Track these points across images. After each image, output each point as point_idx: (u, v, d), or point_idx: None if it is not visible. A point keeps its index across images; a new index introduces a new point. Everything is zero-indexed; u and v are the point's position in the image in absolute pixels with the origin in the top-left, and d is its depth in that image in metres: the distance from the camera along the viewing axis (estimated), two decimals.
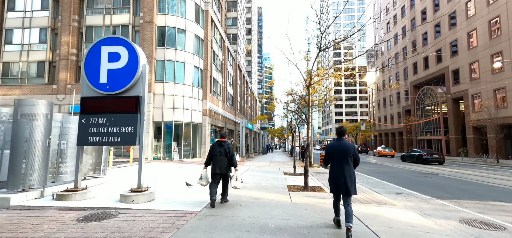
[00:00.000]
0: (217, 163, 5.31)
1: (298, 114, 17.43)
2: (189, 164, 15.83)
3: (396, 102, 46.76)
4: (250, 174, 11.23)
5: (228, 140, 5.73)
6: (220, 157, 5.32)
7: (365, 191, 7.80)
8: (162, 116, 17.47)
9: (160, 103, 17.52)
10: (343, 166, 3.83)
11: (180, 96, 18.11)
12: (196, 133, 19.38)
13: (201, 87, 20.17)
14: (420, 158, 20.40)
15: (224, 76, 27.01)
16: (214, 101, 22.63)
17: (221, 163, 5.31)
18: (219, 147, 5.39)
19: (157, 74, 17.67)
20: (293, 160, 12.48)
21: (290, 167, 15.46)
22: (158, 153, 17.53)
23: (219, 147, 5.40)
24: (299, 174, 11.89)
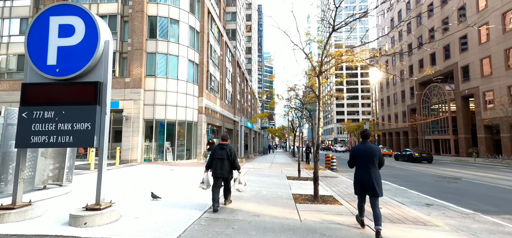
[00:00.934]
0: (218, 167, 5.15)
1: (301, 111, 15.98)
2: (183, 165, 14.41)
3: (401, 100, 45.30)
4: (249, 178, 9.79)
5: (229, 143, 5.52)
6: (221, 161, 5.18)
7: (389, 202, 6.37)
8: (154, 114, 16.05)
9: (151, 100, 16.10)
10: (369, 168, 3.91)
11: (173, 92, 16.69)
12: (192, 132, 17.96)
13: (197, 83, 18.74)
14: (410, 157, 22.19)
15: (222, 73, 25.58)
16: (211, 98, 21.20)
17: (223, 167, 5.16)
18: (220, 150, 5.24)
19: (148, 68, 16.25)
20: (298, 163, 11.05)
21: (293, 169, 14.04)
22: (149, 154, 16.11)
23: (220, 150, 5.25)
24: (304, 178, 10.47)
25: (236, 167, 5.34)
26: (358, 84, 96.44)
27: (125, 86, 15.69)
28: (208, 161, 5.37)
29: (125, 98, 15.61)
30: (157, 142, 16.53)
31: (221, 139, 5.48)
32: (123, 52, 16.42)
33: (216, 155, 5.23)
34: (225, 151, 5.23)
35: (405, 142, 45.32)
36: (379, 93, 55.26)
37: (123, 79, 15.80)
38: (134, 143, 15.31)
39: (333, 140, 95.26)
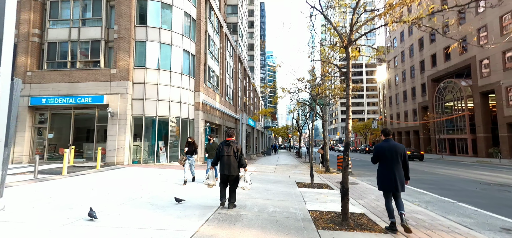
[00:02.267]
0: (225, 164, 5.00)
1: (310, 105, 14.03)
2: (176, 168, 12.57)
3: (411, 98, 43.05)
4: (252, 186, 7.90)
5: (235, 139, 5.36)
6: (228, 158, 5.01)
7: (445, 224, 4.43)
8: (143, 110, 14.23)
9: (141, 94, 14.28)
10: (393, 165, 4.05)
11: (166, 86, 14.86)
12: (187, 130, 16.11)
13: (193, 76, 16.89)
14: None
15: (222, 67, 23.72)
16: (210, 94, 19.35)
17: (230, 164, 5.00)
18: (226, 147, 5.08)
19: (137, 58, 14.43)
20: (310, 167, 9.11)
21: (302, 173, 12.10)
22: (138, 155, 14.29)
23: (226, 146, 5.09)
24: (318, 185, 8.53)
25: (242, 164, 5.12)
26: (363, 82, 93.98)
27: (111, 78, 13.89)
28: (214, 157, 5.25)
29: (110, 92, 13.82)
30: (149, 142, 14.71)
31: (227, 135, 5.28)
32: (109, 41, 14.63)
33: (222, 152, 5.04)
34: (231, 148, 5.02)
35: (415, 142, 43.05)
36: (387, 90, 52.99)
37: (109, 70, 14.01)
38: (121, 143, 13.50)
39: (338, 139, 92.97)
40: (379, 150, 4.22)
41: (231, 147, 5.04)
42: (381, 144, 4.29)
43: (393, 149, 4.09)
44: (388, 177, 4.04)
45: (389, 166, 4.06)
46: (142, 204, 5.42)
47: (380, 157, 4.20)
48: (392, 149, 4.10)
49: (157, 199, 5.92)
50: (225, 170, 4.95)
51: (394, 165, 4.04)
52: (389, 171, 4.04)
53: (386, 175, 4.08)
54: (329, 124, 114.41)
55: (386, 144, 4.20)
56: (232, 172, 4.97)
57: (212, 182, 5.26)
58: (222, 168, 5.01)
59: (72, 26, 14.45)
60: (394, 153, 4.06)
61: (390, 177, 4.02)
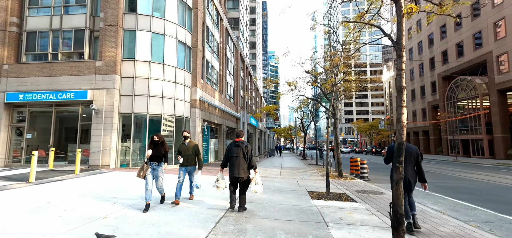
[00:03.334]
0: (235, 166, 4.83)
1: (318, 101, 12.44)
2: (169, 172, 11.02)
3: (420, 97, 41.24)
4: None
5: (245, 140, 5.16)
6: (237, 159, 4.83)
7: None
8: (133, 107, 12.70)
9: (129, 89, 12.76)
10: (406, 166, 4.11)
11: (158, 80, 13.34)
12: (183, 129, 14.55)
13: (189, 70, 15.36)
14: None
15: (223, 63, 22.19)
16: (208, 90, 17.80)
17: (240, 166, 4.82)
18: (235, 148, 4.91)
19: (126, 49, 12.93)
20: (326, 173, 7.47)
21: (312, 178, 10.47)
22: (127, 158, 12.75)
23: (235, 147, 4.92)
24: (335, 196, 6.90)
25: (252, 165, 4.91)
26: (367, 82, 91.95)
27: (96, 71, 12.39)
28: (223, 159, 5.06)
29: (95, 87, 12.31)
30: (140, 143, 13.17)
31: (236, 135, 5.12)
32: (95, 30, 13.14)
33: (231, 153, 4.91)
34: (240, 148, 4.87)
35: (425, 143, 41.22)
36: (393, 89, 51.13)
37: (94, 63, 12.51)
38: (107, 144, 11.98)
39: (342, 140, 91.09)
40: (392, 151, 4.21)
41: (241, 148, 4.87)
42: (394, 144, 4.16)
43: (406, 150, 4.15)
44: (405, 178, 4.09)
45: (403, 167, 4.06)
46: (102, 229, 3.85)
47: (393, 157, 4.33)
48: (405, 149, 4.09)
49: (126, 221, 4.35)
50: (235, 171, 4.81)
51: (407, 165, 4.14)
52: (403, 171, 4.11)
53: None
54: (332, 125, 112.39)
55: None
56: (242, 174, 4.80)
57: (222, 184, 5.09)
58: (231, 170, 4.88)
59: (54, 14, 12.99)
60: (408, 154, 4.16)
61: (405, 178, 4.07)
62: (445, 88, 35.30)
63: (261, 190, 5.08)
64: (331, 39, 12.66)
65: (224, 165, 5.08)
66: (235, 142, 5.00)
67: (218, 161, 19.96)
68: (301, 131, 50.75)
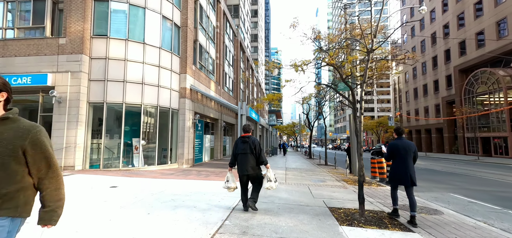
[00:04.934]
0: (242, 163, 4.58)
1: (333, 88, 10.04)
2: (151, 175, 8.73)
3: (433, 92, 38.51)
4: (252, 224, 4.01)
5: (253, 135, 4.90)
6: (244, 156, 4.58)
7: None
8: (105, 95, 10.39)
9: (101, 73, 10.44)
10: (407, 161, 4.43)
11: (138, 63, 11.01)
12: (169, 124, 12.29)
13: (178, 54, 13.03)
14: (379, 152, 20.93)
15: (220, 51, 19.83)
16: (202, 79, 15.45)
17: (248, 163, 4.55)
18: (243, 144, 4.64)
19: (96, 24, 10.60)
20: (359, 185, 5.01)
21: (326, 183, 8.07)
22: (99, 156, 10.45)
23: (242, 143, 4.64)
24: (375, 220, 4.47)
25: (262, 161, 4.66)
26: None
27: (59, 51, 10.08)
28: (231, 157, 4.77)
29: (58, 70, 10.02)
30: (120, 139, 10.87)
31: (243, 130, 4.83)
32: (59, 1, 10.82)
33: (238, 150, 4.65)
34: (248, 144, 4.60)
35: (438, 141, 38.57)
36: (403, 85, 48.40)
37: (56, 40, 10.20)
38: (71, 140, 9.70)
39: (345, 139, 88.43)
40: (394, 147, 4.59)
41: (248, 143, 4.59)
42: (394, 141, 4.68)
43: (406, 146, 4.47)
44: (404, 172, 4.39)
45: (404, 162, 4.43)
46: None
47: (395, 154, 4.57)
48: (405, 146, 4.47)
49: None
50: (243, 169, 4.55)
51: (407, 161, 4.43)
52: (404, 166, 4.41)
53: (401, 169, 4.44)
54: (336, 122, 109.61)
55: (399, 141, 4.58)
56: (251, 171, 4.54)
57: (233, 184, 4.73)
58: (239, 168, 4.61)
59: None
60: (408, 150, 4.46)
61: (405, 172, 4.38)
62: (462, 82, 32.60)
63: (275, 187, 4.70)
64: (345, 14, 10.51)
65: (232, 164, 4.78)
66: (242, 137, 4.72)
67: (214, 160, 17.66)
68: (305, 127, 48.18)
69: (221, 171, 11.16)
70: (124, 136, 10.72)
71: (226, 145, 22.21)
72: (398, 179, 4.49)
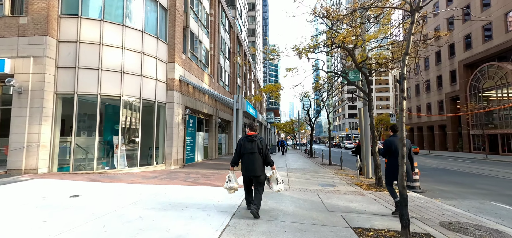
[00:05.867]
0: (249, 164, 4.24)
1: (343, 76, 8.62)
2: (128, 180, 7.24)
3: (437, 88, 37.35)
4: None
5: (258, 133, 4.97)
6: (251, 156, 4.24)
7: None
8: (76, 85, 8.84)
9: (71, 59, 8.88)
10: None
11: (116, 48, 9.46)
12: (155, 119, 10.77)
13: (165, 40, 11.49)
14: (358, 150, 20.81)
15: (214, 41, 18.29)
16: (194, 71, 13.94)
17: (255, 163, 4.22)
18: (249, 143, 4.30)
19: (65, 0, 9.00)
20: (402, 199, 3.58)
21: (338, 189, 6.62)
22: (69, 157, 8.90)
23: (249, 142, 4.31)
24: None
25: (269, 162, 4.38)
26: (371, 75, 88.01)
27: (20, 32, 8.50)
28: (234, 156, 4.47)
29: (18, 54, 8.44)
30: (95, 136, 9.32)
31: (249, 128, 4.48)
32: None
33: (244, 149, 4.30)
34: (255, 143, 4.28)
35: (441, 138, 37.48)
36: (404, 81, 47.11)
37: (16, 19, 8.61)
38: (34, 137, 8.15)
39: (344, 136, 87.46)
40: (389, 144, 4.82)
41: (255, 142, 4.28)
42: (390, 139, 4.91)
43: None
44: (397, 168, 4.40)
45: (398, 158, 4.33)
46: None
47: (391, 150, 4.76)
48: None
49: None
50: (250, 170, 4.22)
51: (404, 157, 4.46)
52: (397, 163, 4.25)
53: (396, 166, 4.49)
54: (334, 120, 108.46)
55: (395, 139, 4.82)
56: (258, 173, 4.21)
57: (235, 184, 4.38)
58: (244, 168, 4.29)
59: None
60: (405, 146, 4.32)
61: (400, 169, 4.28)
62: (467, 77, 31.46)
63: (283, 188, 4.42)
64: None
65: (235, 163, 4.40)
66: (247, 136, 4.36)
67: (208, 160, 16.19)
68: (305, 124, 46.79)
69: (214, 173, 9.70)
70: (100, 133, 9.18)
71: (221, 143, 20.74)
72: (393, 175, 4.64)
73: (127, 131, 9.92)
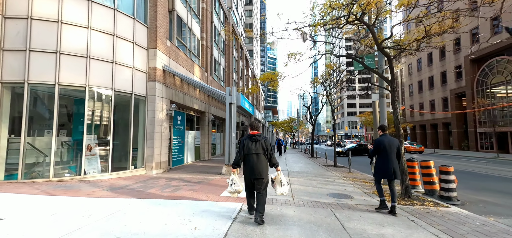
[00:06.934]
0: (254, 165, 3.97)
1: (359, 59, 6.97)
2: (88, 191, 5.56)
3: (441, 84, 35.96)
4: None
5: (262, 133, 4.94)
6: (256, 157, 4.00)
7: None
8: (26, 73, 7.11)
9: (21, 39, 7.15)
10: (391, 157, 4.76)
11: (80, 27, 7.74)
12: (132, 115, 9.08)
13: (145, 22, 9.78)
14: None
15: (207, 31, 16.59)
16: (181, 60, 12.24)
17: (259, 165, 3.97)
18: (253, 143, 4.07)
19: None
20: None
21: (354, 200, 4.91)
22: (17, 160, 7.16)
23: (253, 142, 4.07)
24: None
25: (274, 163, 4.14)
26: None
27: None
28: (236, 157, 4.20)
29: None
30: (52, 136, 7.62)
31: (251, 127, 4.26)
32: None
33: (249, 150, 4.04)
34: (259, 143, 4.06)
35: (445, 137, 36.17)
36: (406, 78, 45.84)
37: None
38: None
39: (344, 135, 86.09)
40: (379, 144, 4.89)
41: (259, 142, 4.06)
42: (380, 138, 4.97)
43: (391, 143, 4.82)
44: (387, 167, 4.73)
45: (388, 158, 4.75)
46: None
47: (380, 149, 4.87)
48: (390, 142, 4.81)
49: None
50: (255, 172, 3.95)
51: (391, 156, 4.76)
52: (388, 161, 4.74)
53: (385, 164, 4.76)
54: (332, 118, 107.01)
55: (384, 138, 4.90)
56: (263, 175, 3.97)
57: (240, 187, 4.18)
58: (249, 170, 4.01)
59: None
60: (393, 146, 4.80)
61: (389, 167, 4.72)
62: (474, 73, 30.08)
63: (287, 191, 4.24)
64: None
65: (237, 164, 4.20)
66: (250, 136, 4.14)
67: (200, 161, 14.52)
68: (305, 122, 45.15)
69: (202, 180, 8.04)
70: (59, 132, 7.46)
71: (216, 143, 19.07)
72: (382, 173, 4.82)
73: (95, 129, 8.21)
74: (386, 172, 4.74)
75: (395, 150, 4.78)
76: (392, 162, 4.71)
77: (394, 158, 4.75)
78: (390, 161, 4.70)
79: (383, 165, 4.78)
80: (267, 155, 4.07)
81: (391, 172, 4.69)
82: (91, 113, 8.05)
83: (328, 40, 8.84)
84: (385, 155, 4.78)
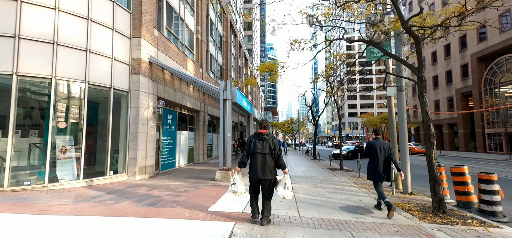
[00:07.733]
0: (260, 165, 3.83)
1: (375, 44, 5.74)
2: (42, 207, 4.35)
3: (445, 84, 34.88)
4: None
5: (270, 132, 4.21)
6: (263, 156, 3.84)
7: None
8: None
9: None
10: (382, 160, 4.92)
11: (46, 8, 6.57)
12: (111, 112, 7.86)
13: (128, 8, 8.60)
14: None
15: (202, 24, 15.42)
16: (172, 54, 11.05)
17: (266, 165, 3.82)
18: (260, 142, 3.90)
19: None
20: None
21: (367, 209, 3.84)
22: None
23: (260, 141, 3.91)
24: None
25: (281, 164, 3.91)
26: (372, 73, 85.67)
27: None
28: (242, 156, 4.02)
29: None
30: (8, 136, 6.41)
31: (259, 126, 4.12)
32: None
33: (255, 149, 3.88)
34: (266, 143, 3.87)
35: (450, 137, 35.05)
36: (410, 76, 44.68)
37: None
38: None
39: (345, 136, 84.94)
40: (371, 147, 5.07)
41: (267, 142, 3.88)
42: (372, 141, 5.13)
43: (383, 146, 4.99)
44: (379, 169, 4.89)
45: (378, 160, 4.91)
46: None
47: (372, 152, 5.04)
48: (382, 145, 4.99)
49: None
50: (260, 172, 3.80)
51: (383, 159, 4.92)
52: (378, 164, 4.90)
53: (376, 167, 4.91)
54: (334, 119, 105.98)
55: (377, 141, 5.07)
56: (268, 176, 3.81)
57: (241, 189, 3.96)
58: (254, 170, 3.87)
59: None
60: (385, 149, 4.97)
61: (380, 169, 4.89)
62: (481, 71, 28.97)
63: (290, 196, 3.86)
64: None
65: (243, 163, 3.97)
66: (258, 134, 3.96)
67: (194, 164, 13.31)
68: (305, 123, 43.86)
69: (190, 187, 6.84)
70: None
71: (212, 145, 17.85)
72: (373, 175, 4.94)
73: (65, 129, 6.99)
74: (377, 174, 4.89)
75: (386, 152, 4.94)
76: (381, 166, 4.90)
77: (385, 160, 4.95)
78: (380, 164, 4.89)
79: (374, 168, 4.95)
80: (274, 155, 3.88)
81: (382, 175, 4.88)
82: (60, 110, 6.84)
83: (337, 25, 7.90)
84: (375, 157, 4.95)
